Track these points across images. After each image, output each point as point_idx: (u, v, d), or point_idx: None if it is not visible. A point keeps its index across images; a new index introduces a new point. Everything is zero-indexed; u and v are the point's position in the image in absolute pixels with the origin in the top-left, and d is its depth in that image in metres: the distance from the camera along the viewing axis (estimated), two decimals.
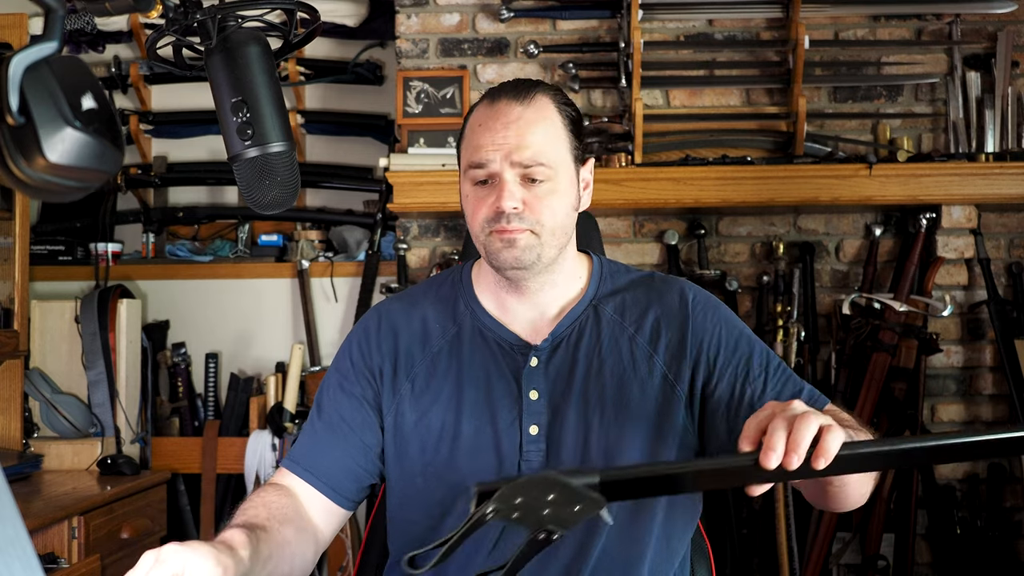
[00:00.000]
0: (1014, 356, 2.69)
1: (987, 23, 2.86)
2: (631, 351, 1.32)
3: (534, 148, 1.26)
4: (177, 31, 0.99)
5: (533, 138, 1.26)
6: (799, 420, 0.95)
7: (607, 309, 1.36)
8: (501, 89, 1.32)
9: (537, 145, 1.26)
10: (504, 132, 1.27)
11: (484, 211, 1.28)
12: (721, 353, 1.32)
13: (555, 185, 1.28)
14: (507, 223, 1.25)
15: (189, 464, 2.97)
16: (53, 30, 0.66)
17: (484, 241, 1.29)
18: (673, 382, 1.31)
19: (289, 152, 1.01)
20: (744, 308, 2.87)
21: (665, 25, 2.92)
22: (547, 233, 1.28)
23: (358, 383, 1.37)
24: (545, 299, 1.35)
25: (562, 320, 1.34)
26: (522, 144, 1.26)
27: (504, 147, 1.26)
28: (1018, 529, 2.76)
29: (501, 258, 1.28)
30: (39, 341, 2.90)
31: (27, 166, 0.64)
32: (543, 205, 1.27)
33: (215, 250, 3.16)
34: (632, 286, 1.38)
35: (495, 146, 1.26)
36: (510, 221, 1.25)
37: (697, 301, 1.36)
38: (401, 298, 1.44)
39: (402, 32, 2.94)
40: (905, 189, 2.69)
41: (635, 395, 1.30)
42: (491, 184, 1.28)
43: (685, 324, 1.33)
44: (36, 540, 2.20)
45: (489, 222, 1.27)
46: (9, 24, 2.69)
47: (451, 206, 2.73)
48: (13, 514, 0.60)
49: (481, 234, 1.29)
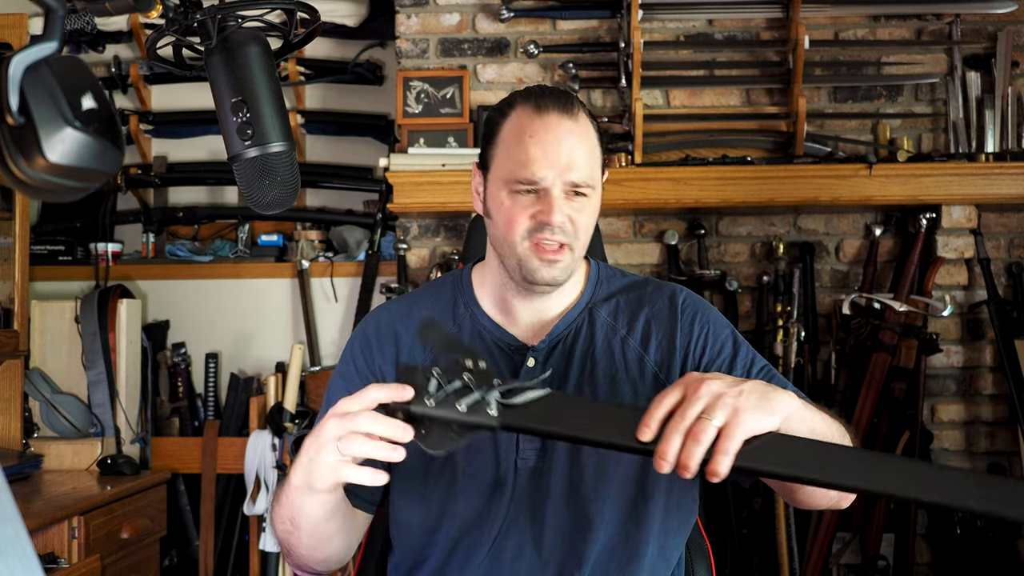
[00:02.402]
0: (1014, 356, 2.68)
1: (987, 23, 2.86)
2: (623, 352, 1.34)
3: (584, 169, 1.29)
4: (177, 31, 0.99)
5: (582, 157, 1.29)
6: (696, 425, 0.96)
7: (602, 312, 1.38)
8: (543, 97, 1.31)
9: (586, 165, 1.29)
10: (557, 148, 1.27)
11: (525, 221, 1.28)
12: (706, 353, 1.34)
13: (591, 202, 1.31)
14: (551, 235, 1.27)
15: (189, 464, 2.97)
16: (53, 30, 0.66)
17: (521, 252, 1.29)
18: (664, 381, 1.33)
19: (289, 152, 1.01)
20: (744, 308, 2.87)
21: (665, 25, 2.92)
22: (579, 248, 1.31)
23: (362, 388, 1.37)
24: (548, 302, 1.37)
25: (559, 322, 1.36)
26: (574, 164, 1.28)
27: (558, 164, 1.27)
28: (1018, 529, 2.76)
29: (539, 276, 1.29)
30: (39, 341, 2.90)
31: (27, 166, 0.64)
32: (581, 221, 1.30)
33: (215, 250, 3.16)
34: (626, 290, 1.41)
35: (549, 163, 1.27)
36: (554, 233, 1.27)
37: (687, 303, 1.38)
38: (401, 301, 1.45)
39: (402, 32, 2.94)
40: (905, 189, 2.69)
41: (627, 395, 1.32)
42: (535, 195, 1.28)
43: (674, 324, 1.36)
44: (36, 540, 2.20)
45: (530, 232, 1.28)
46: (9, 24, 2.69)
47: (451, 206, 2.73)
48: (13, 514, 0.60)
49: (519, 244, 1.29)
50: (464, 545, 1.30)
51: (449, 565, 1.30)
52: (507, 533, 1.29)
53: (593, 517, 1.28)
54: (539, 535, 1.28)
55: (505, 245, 1.31)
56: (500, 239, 1.32)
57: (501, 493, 1.29)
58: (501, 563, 1.28)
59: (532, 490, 1.29)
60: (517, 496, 1.29)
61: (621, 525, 1.29)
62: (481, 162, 1.36)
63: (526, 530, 1.29)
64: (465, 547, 1.30)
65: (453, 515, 1.30)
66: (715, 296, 2.85)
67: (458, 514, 1.29)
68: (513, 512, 1.29)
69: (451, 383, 1.02)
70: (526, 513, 1.29)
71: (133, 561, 2.56)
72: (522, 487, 1.29)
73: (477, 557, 1.29)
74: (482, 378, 1.03)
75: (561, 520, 1.28)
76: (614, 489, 1.29)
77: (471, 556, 1.29)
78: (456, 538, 1.30)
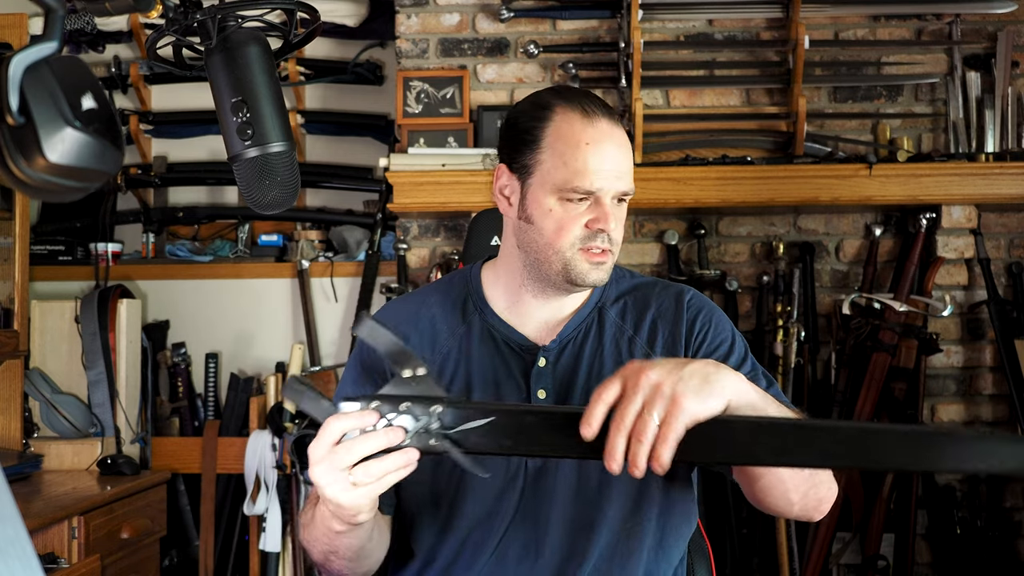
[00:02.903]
0: (1014, 356, 2.68)
1: (987, 23, 2.86)
2: (630, 353, 1.35)
3: (630, 176, 1.31)
4: (177, 31, 0.99)
5: (629, 164, 1.31)
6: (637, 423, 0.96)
7: (611, 313, 1.38)
8: (586, 101, 1.30)
9: (631, 172, 1.31)
10: (615, 158, 1.28)
11: (578, 229, 1.28)
12: (702, 349, 1.34)
13: (627, 206, 1.34)
14: (603, 243, 1.28)
15: (189, 464, 2.97)
16: (53, 30, 0.66)
17: (569, 257, 1.29)
18: None
19: (289, 152, 1.01)
20: (744, 308, 2.87)
21: (665, 25, 2.92)
22: (617, 250, 1.33)
23: (370, 391, 1.37)
24: (562, 302, 1.37)
25: (569, 322, 1.36)
26: (624, 172, 1.29)
27: (614, 174, 1.28)
28: (1018, 529, 2.76)
29: (589, 278, 1.30)
30: (39, 341, 2.90)
31: (27, 166, 0.64)
32: (621, 226, 1.32)
33: (215, 250, 3.16)
34: (634, 290, 1.41)
35: (606, 174, 1.27)
36: (605, 240, 1.28)
37: (692, 302, 1.38)
38: (409, 299, 1.44)
39: (402, 32, 2.94)
40: (905, 189, 2.69)
41: None
42: (586, 202, 1.28)
43: (678, 321, 1.36)
44: (36, 540, 2.20)
45: (583, 240, 1.28)
46: (9, 24, 2.69)
47: (451, 206, 2.73)
48: (13, 514, 0.60)
49: (568, 250, 1.29)
50: (472, 544, 1.30)
51: (456, 564, 1.31)
52: (512, 532, 1.29)
53: (596, 516, 1.28)
54: (544, 535, 1.29)
55: (550, 250, 1.30)
56: (543, 244, 1.30)
57: (511, 492, 1.29)
58: (506, 562, 1.29)
59: (538, 489, 1.29)
60: (526, 497, 1.29)
61: (623, 524, 1.29)
62: (516, 166, 1.32)
63: (531, 529, 1.29)
64: (472, 546, 1.30)
65: (463, 514, 1.30)
66: (715, 296, 2.84)
67: (467, 513, 1.30)
68: (520, 512, 1.29)
69: (394, 415, 1.01)
70: (532, 512, 1.29)
71: (133, 561, 2.56)
72: (530, 487, 1.29)
73: (483, 556, 1.29)
74: (424, 402, 1.01)
75: (565, 519, 1.28)
76: (617, 489, 1.29)
77: (478, 555, 1.29)
78: (464, 537, 1.30)
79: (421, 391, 1.02)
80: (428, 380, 1.02)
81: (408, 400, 1.01)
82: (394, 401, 1.02)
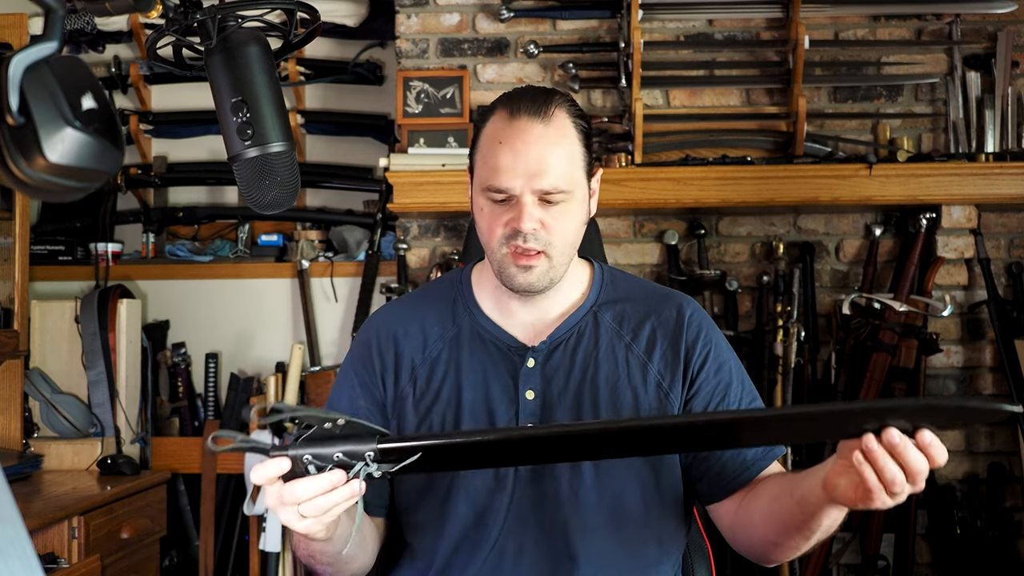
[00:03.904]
0: (1014, 356, 2.69)
1: (987, 23, 2.86)
2: (626, 359, 1.34)
3: (554, 174, 1.26)
4: (177, 31, 0.99)
5: (552, 161, 1.26)
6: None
7: (606, 317, 1.37)
8: (520, 100, 1.30)
9: (556, 170, 1.26)
10: (525, 156, 1.26)
11: (501, 229, 1.28)
12: (704, 370, 1.34)
13: (570, 205, 1.29)
14: (524, 242, 1.26)
15: (189, 464, 2.97)
16: (53, 30, 0.66)
17: (500, 259, 1.30)
18: (667, 390, 1.33)
19: (289, 152, 1.01)
20: (744, 308, 2.87)
21: (665, 25, 2.92)
22: (558, 254, 1.29)
23: (363, 396, 1.38)
24: (546, 304, 1.36)
25: (561, 324, 1.36)
26: (542, 170, 1.26)
27: (525, 173, 1.26)
28: (1018, 529, 2.76)
29: (516, 282, 1.29)
30: (39, 341, 2.90)
31: (27, 166, 0.64)
32: (558, 225, 1.28)
33: (215, 250, 3.16)
34: (632, 296, 1.40)
35: (516, 173, 1.26)
36: (527, 240, 1.26)
37: (693, 317, 1.38)
38: (401, 303, 1.45)
39: (402, 32, 2.94)
40: (905, 189, 2.69)
41: (628, 402, 1.32)
42: (508, 202, 1.28)
43: (679, 336, 1.35)
44: (36, 540, 2.20)
45: (507, 239, 1.28)
46: (9, 24, 2.69)
47: (451, 206, 2.73)
48: (13, 514, 0.60)
49: (498, 251, 1.29)
50: (467, 545, 1.30)
51: (453, 564, 1.31)
52: (508, 534, 1.29)
53: (592, 518, 1.28)
54: (539, 536, 1.29)
55: (488, 250, 1.32)
56: (484, 245, 1.33)
57: (501, 493, 1.29)
58: (503, 564, 1.29)
59: (533, 491, 1.29)
60: (518, 497, 1.29)
61: (620, 525, 1.29)
62: (469, 166, 1.37)
63: (527, 531, 1.29)
64: (468, 547, 1.30)
65: (456, 514, 1.30)
66: (715, 296, 2.85)
67: (460, 513, 1.30)
68: (514, 513, 1.29)
69: (327, 466, 1.01)
70: (527, 514, 1.29)
71: (133, 561, 2.56)
72: (523, 488, 1.29)
73: (479, 558, 1.29)
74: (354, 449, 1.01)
75: (561, 521, 1.28)
76: (612, 489, 1.29)
77: (474, 556, 1.29)
78: (459, 537, 1.30)
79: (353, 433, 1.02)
80: (353, 424, 1.02)
81: (338, 451, 1.01)
82: (326, 454, 1.02)
